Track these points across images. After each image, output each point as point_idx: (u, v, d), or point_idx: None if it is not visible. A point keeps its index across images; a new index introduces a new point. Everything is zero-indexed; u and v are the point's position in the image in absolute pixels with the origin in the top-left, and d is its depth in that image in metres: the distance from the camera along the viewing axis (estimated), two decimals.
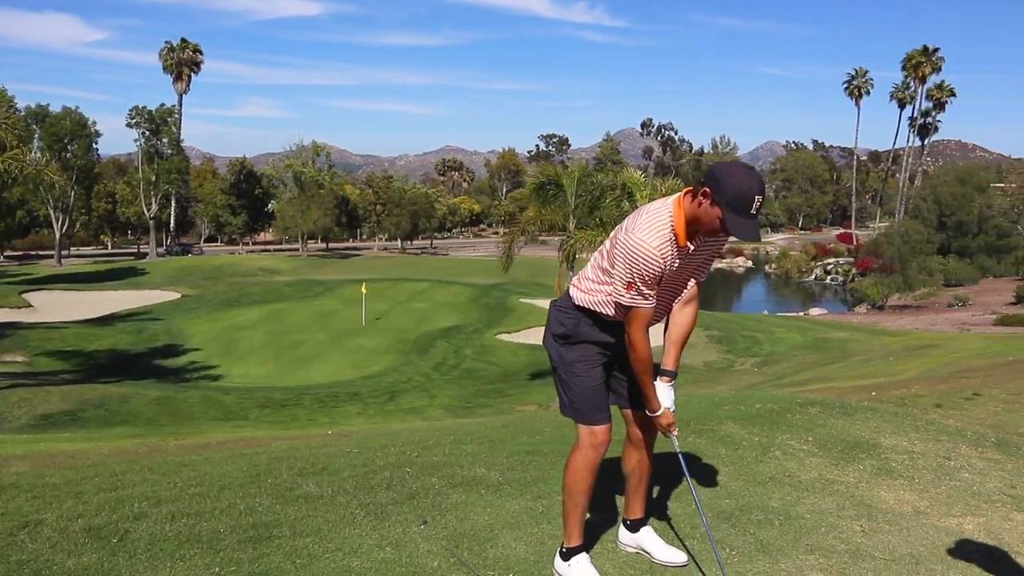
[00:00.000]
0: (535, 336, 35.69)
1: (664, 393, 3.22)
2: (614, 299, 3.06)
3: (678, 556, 3.43)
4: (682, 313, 3.27)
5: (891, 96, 79.02)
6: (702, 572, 3.35)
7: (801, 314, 53.41)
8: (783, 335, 40.14)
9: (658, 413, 3.19)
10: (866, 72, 79.49)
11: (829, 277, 77.48)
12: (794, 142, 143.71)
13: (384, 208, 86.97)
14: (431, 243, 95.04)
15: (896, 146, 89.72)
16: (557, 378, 3.32)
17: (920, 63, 72.85)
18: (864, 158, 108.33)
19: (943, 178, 68.84)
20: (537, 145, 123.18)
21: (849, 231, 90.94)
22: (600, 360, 3.25)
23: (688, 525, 3.79)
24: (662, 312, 3.21)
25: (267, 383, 27.25)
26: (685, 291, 3.23)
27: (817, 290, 74.06)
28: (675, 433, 3.25)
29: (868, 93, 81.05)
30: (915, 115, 79.23)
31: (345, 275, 53.03)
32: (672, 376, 3.28)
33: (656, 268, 2.91)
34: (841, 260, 78.81)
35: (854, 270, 71.81)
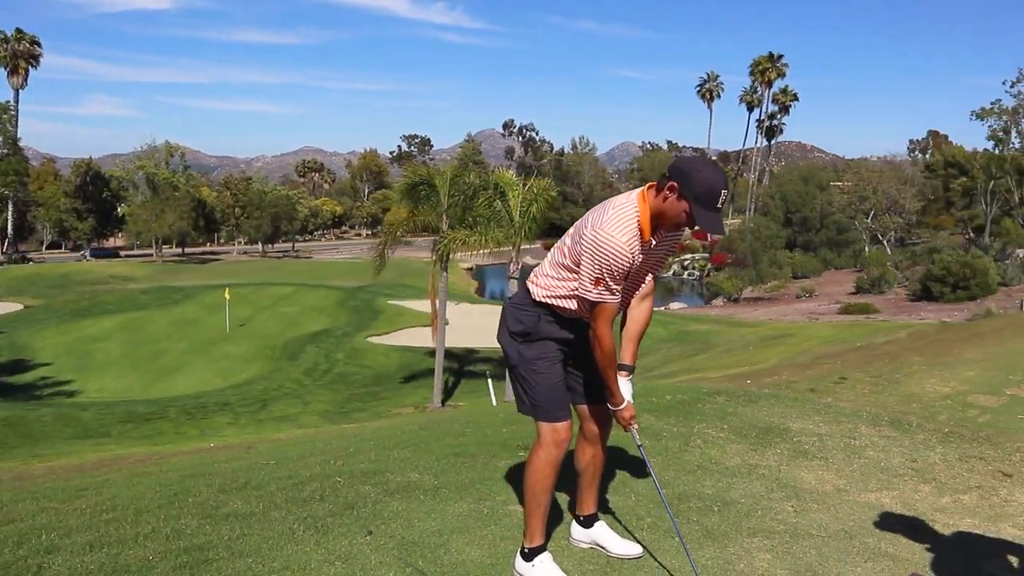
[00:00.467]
0: (406, 338, 35.39)
1: (624, 387, 3.23)
2: (578, 295, 3.04)
3: (633, 548, 3.45)
4: (639, 308, 3.29)
5: (740, 99, 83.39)
6: (657, 562, 3.39)
7: (662, 309, 55.42)
8: (648, 329, 41.59)
9: (621, 407, 3.19)
10: (717, 76, 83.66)
11: (686, 272, 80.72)
12: (650, 143, 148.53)
13: (243, 211, 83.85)
14: (293, 246, 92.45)
15: (745, 147, 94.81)
16: (516, 376, 3.26)
17: (767, 68, 77.21)
18: (714, 158, 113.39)
19: (788, 177, 73.15)
20: (399, 146, 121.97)
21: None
22: (559, 357, 3.23)
23: (633, 517, 3.82)
24: (622, 307, 3.22)
25: (128, 396, 25.75)
26: (643, 286, 3.26)
27: (676, 285, 77.00)
28: (636, 427, 3.26)
29: (719, 96, 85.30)
30: (762, 117, 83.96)
31: (205, 280, 50.81)
32: (630, 371, 3.29)
33: (625, 263, 2.91)
34: (697, 256, 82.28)
35: (709, 265, 75.20)
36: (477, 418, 6.06)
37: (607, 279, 2.93)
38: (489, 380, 19.18)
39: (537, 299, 3.17)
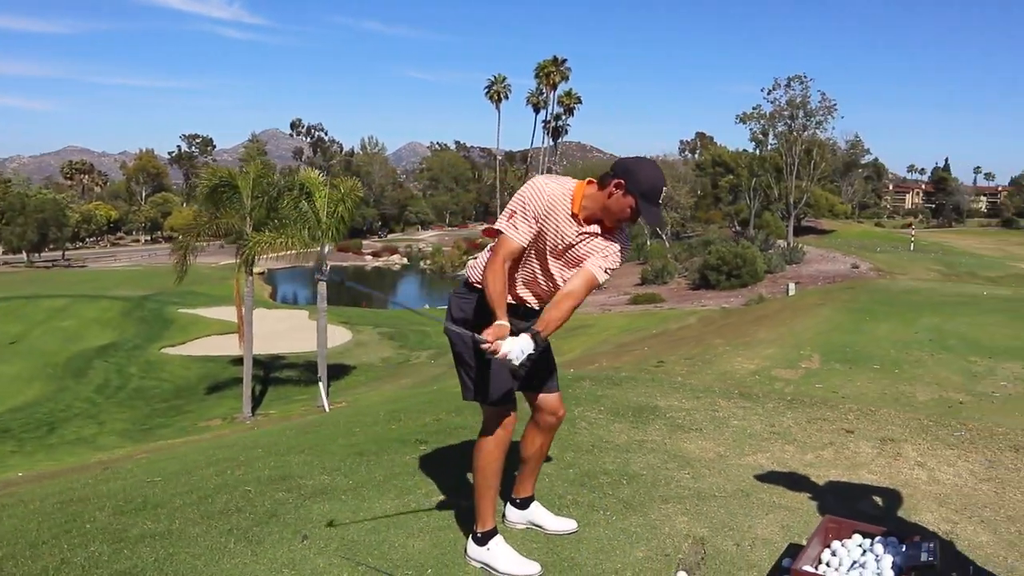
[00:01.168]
0: (205, 347, 33.64)
1: (517, 338, 2.99)
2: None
3: (568, 524, 3.63)
4: (570, 280, 3.21)
5: (527, 101, 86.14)
6: (590, 534, 3.59)
7: None
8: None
9: (494, 325, 2.99)
10: (505, 78, 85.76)
11: None
12: (438, 143, 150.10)
13: (3, 216, 75.61)
14: (63, 254, 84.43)
15: (533, 147, 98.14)
16: (460, 363, 3.32)
17: (551, 72, 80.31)
18: (500, 158, 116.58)
19: (572, 175, 76.58)
20: (179, 146, 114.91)
21: (494, 226, 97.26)
22: None
23: (554, 496, 4.00)
24: (542, 294, 3.33)
25: None
26: (582, 271, 3.30)
27: None
28: (501, 355, 2.95)
29: (507, 98, 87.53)
30: (548, 119, 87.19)
31: None
32: (528, 330, 3.05)
33: (540, 203, 3.07)
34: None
35: None
36: (356, 418, 6.00)
37: (518, 215, 3.08)
38: (320, 385, 18.72)
39: (474, 282, 3.27)
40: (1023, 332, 14.91)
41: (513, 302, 3.28)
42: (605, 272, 3.16)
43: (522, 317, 3.27)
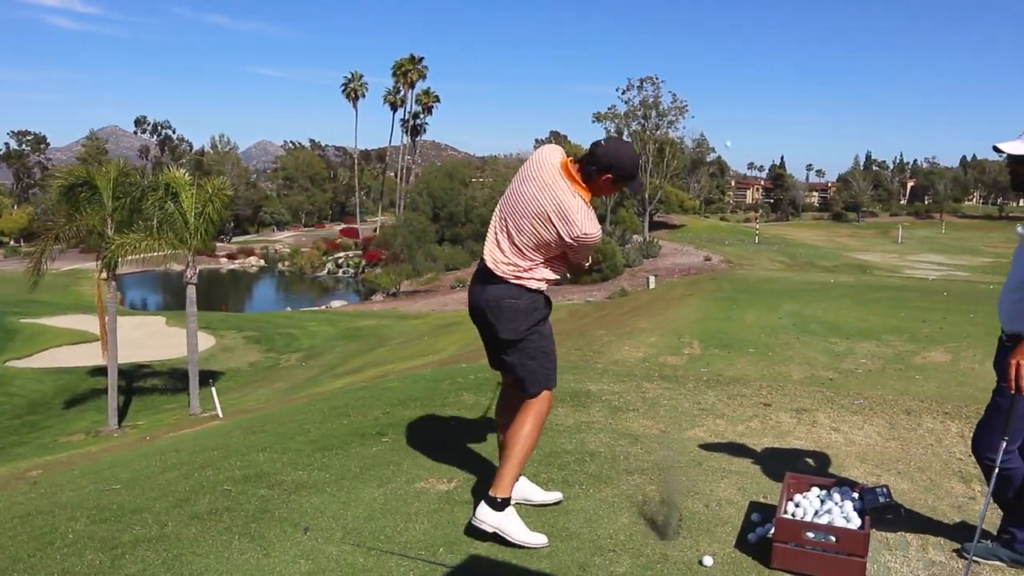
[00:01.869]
0: (55, 358, 31.55)
1: None
2: (566, 257, 3.54)
3: (553, 495, 3.92)
4: None
5: (384, 99, 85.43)
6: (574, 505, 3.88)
7: (324, 307, 55.38)
8: (317, 328, 41.38)
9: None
10: (361, 76, 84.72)
11: (341, 270, 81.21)
12: (292, 141, 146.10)
13: None
14: None
15: (392, 145, 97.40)
16: (536, 355, 3.59)
17: (409, 70, 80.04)
18: (355, 156, 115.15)
19: (435, 174, 76.71)
20: (7, 143, 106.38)
21: (353, 226, 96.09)
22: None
23: (529, 474, 4.25)
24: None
25: None
26: None
27: (331, 283, 77.11)
28: None
29: (364, 96, 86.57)
30: (407, 117, 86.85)
31: None
32: None
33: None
34: (351, 253, 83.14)
35: (364, 262, 76.36)
36: (299, 416, 6.02)
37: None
38: (213, 390, 18.08)
39: (531, 287, 3.51)
40: (870, 315, 16.33)
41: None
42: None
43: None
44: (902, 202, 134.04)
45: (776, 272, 35.87)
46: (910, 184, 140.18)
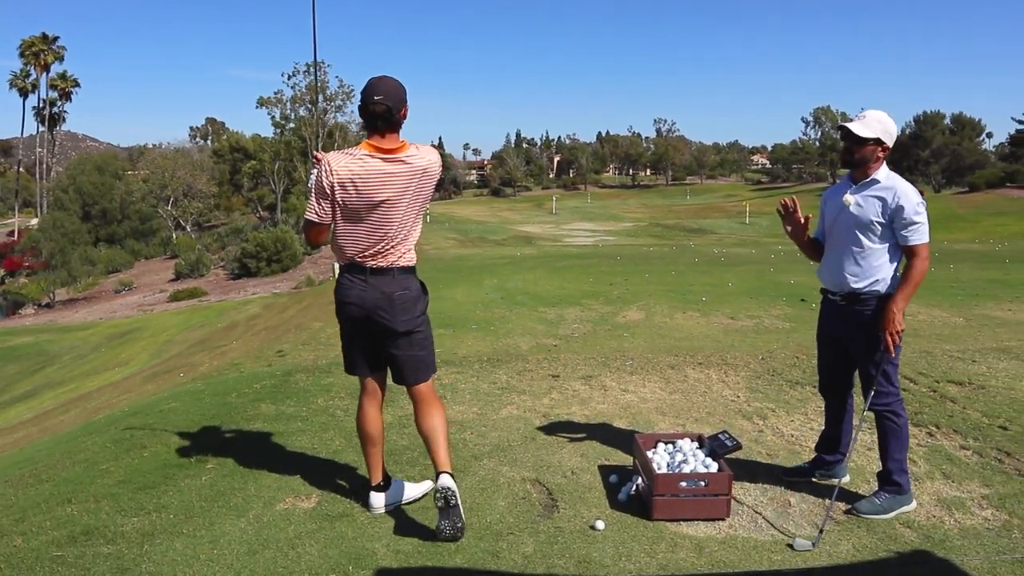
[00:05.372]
0: None
1: None
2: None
3: (427, 484, 4.05)
4: None
5: (11, 84, 74.54)
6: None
7: None
8: None
9: None
10: None
11: None
12: None
13: None
14: None
15: (25, 135, 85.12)
16: (427, 344, 3.76)
17: (42, 51, 70.61)
18: None
19: (82, 168, 68.95)
20: None
21: None
22: None
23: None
24: None
25: None
26: None
27: None
28: None
29: None
30: (41, 105, 76.56)
31: None
32: None
33: None
34: None
35: (2, 272, 66.79)
36: (77, 456, 5.29)
37: None
38: None
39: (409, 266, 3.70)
40: (566, 283, 17.85)
41: None
42: None
43: None
44: (551, 176, 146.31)
45: (468, 250, 37.51)
46: (556, 159, 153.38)
